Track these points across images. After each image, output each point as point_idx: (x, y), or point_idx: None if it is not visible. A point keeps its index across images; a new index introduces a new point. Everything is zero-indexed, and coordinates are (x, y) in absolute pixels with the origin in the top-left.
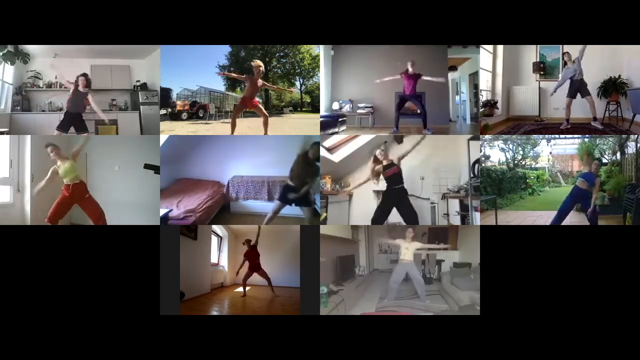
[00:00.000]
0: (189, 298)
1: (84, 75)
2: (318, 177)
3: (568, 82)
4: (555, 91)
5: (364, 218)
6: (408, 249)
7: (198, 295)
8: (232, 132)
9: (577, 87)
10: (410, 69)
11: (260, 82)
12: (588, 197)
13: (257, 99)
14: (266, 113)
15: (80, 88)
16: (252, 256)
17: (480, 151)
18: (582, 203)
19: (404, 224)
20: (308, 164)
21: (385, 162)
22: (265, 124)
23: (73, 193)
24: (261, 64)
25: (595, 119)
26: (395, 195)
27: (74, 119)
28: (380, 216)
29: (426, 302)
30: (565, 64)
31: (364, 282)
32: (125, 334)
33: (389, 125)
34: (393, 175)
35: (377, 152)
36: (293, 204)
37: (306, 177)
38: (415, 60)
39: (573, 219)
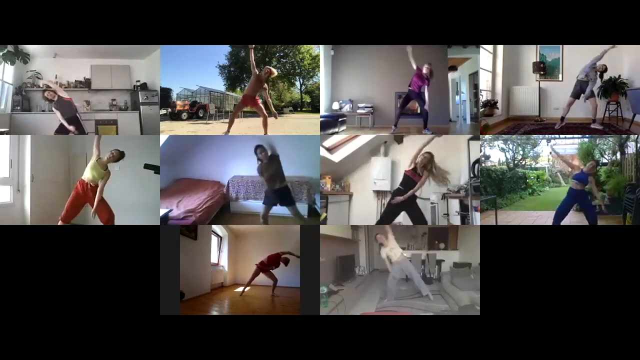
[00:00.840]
0: (189, 298)
1: (46, 89)
2: (317, 177)
3: (575, 81)
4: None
5: (364, 218)
6: (392, 249)
7: (198, 295)
8: (228, 131)
9: (583, 88)
10: (425, 71)
11: (265, 85)
12: (585, 197)
13: (257, 96)
14: (266, 113)
15: (53, 98)
16: (274, 260)
17: (480, 151)
18: (579, 203)
19: (404, 224)
20: (267, 166)
21: (415, 165)
22: (265, 124)
23: (86, 192)
24: (274, 72)
25: (594, 121)
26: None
27: (70, 122)
28: (388, 216)
29: (431, 298)
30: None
31: (364, 282)
32: (125, 334)
33: (388, 125)
34: (411, 178)
35: (424, 155)
36: (278, 204)
37: (277, 175)
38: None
39: (573, 219)
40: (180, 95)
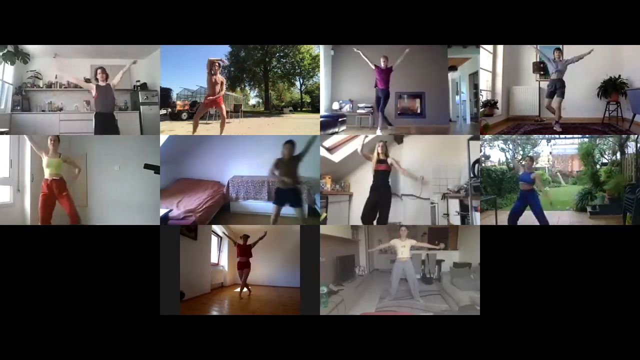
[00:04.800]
0: (189, 298)
1: (101, 68)
2: (317, 177)
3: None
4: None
5: None
6: (405, 246)
7: (198, 295)
8: (194, 132)
9: (555, 87)
10: (382, 65)
11: (216, 78)
12: (533, 197)
13: (220, 96)
14: (225, 115)
15: (101, 83)
16: (244, 251)
17: (480, 151)
18: (529, 203)
19: (404, 224)
20: (287, 164)
21: (381, 157)
22: (222, 125)
23: (51, 188)
24: (213, 59)
25: (557, 122)
26: (377, 193)
27: (106, 121)
28: (368, 212)
29: (420, 301)
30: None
31: (364, 282)
32: (125, 334)
33: (388, 125)
34: (382, 171)
35: (380, 145)
36: (287, 205)
37: (290, 177)
38: (389, 56)
39: (573, 219)
40: (180, 95)
